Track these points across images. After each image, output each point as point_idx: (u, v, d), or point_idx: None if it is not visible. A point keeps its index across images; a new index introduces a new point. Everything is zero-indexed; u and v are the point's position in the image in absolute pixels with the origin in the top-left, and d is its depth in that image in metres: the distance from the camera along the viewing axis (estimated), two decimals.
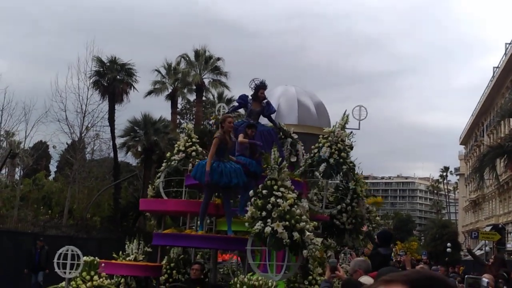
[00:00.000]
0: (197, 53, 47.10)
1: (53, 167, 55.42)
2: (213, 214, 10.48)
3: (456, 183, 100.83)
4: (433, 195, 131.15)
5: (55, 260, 8.95)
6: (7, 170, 46.52)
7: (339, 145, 12.70)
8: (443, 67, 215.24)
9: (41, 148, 44.22)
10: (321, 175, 12.66)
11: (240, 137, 10.80)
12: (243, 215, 9.91)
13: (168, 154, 13.29)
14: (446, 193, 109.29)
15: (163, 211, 11.07)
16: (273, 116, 13.61)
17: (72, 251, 8.94)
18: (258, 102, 11.98)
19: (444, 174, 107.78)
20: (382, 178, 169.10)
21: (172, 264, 12.20)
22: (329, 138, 12.76)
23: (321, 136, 13.01)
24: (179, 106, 48.28)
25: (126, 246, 11.55)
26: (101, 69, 41.30)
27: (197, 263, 10.60)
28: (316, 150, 12.83)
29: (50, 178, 51.33)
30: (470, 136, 75.82)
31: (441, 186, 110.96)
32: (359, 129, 16.95)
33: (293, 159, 13.31)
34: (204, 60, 47.12)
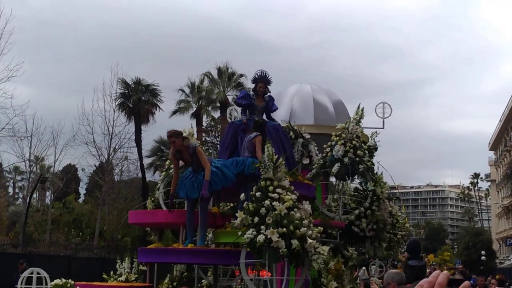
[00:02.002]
0: (220, 71, 45.99)
1: (82, 190, 55.02)
2: (211, 225, 8.65)
3: (488, 189, 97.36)
4: (464, 202, 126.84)
5: (18, 285, 7.27)
6: (38, 194, 45.75)
7: (354, 142, 10.80)
8: (468, 73, 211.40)
9: (70, 171, 43.52)
10: (334, 176, 10.73)
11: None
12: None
13: (167, 162, 11.61)
14: (478, 200, 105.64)
15: (153, 223, 9.30)
16: (287, 116, 11.89)
17: (38, 273, 7.25)
18: (261, 97, 10.18)
19: (475, 180, 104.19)
20: (412, 187, 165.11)
21: (174, 283, 10.49)
22: (343, 135, 10.87)
23: (333, 133, 11.12)
24: (204, 123, 46.96)
25: (117, 265, 9.87)
26: (126, 91, 40.93)
27: (184, 284, 8.91)
28: (328, 149, 10.95)
29: (80, 200, 50.55)
30: (499, 142, 72.92)
31: (472, 193, 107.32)
32: (383, 128, 15.09)
33: (306, 161, 11.44)
34: (227, 77, 45.97)
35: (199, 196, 8.19)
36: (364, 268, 21.63)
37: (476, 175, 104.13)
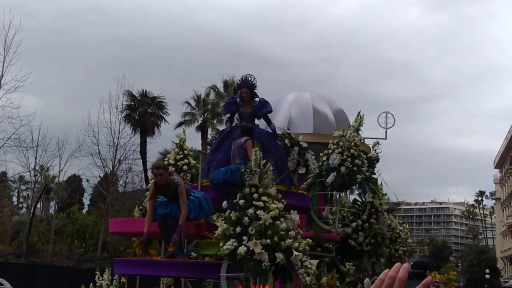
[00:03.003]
0: (226, 84, 45.57)
1: (86, 201, 54.46)
2: (194, 235, 7.86)
3: (492, 207, 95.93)
4: (468, 220, 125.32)
5: None
6: (42, 204, 45.24)
7: (352, 150, 10.02)
8: (474, 91, 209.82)
9: (75, 182, 42.97)
10: (330, 186, 9.93)
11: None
12: None
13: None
14: (483, 218, 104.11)
15: (134, 232, 8.54)
16: (285, 125, 11.11)
17: (1, 284, 6.50)
18: (248, 103, 9.40)
19: (480, 198, 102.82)
20: (416, 203, 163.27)
21: None
22: (340, 143, 10.10)
23: (331, 141, 10.35)
24: (209, 136, 46.33)
25: (96, 278, 9.10)
26: (132, 103, 40.79)
27: None
28: (325, 158, 10.17)
29: (84, 211, 49.91)
30: (504, 160, 71.80)
31: (477, 210, 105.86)
32: (385, 138, 14.33)
33: (302, 171, 10.69)
34: (233, 91, 45.46)
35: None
36: (367, 279, 20.60)
37: (481, 193, 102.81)
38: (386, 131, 13.06)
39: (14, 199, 55.24)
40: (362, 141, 11.31)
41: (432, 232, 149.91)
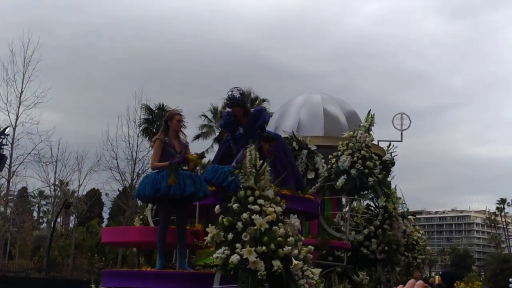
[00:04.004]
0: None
1: (106, 214, 54.16)
2: (191, 244, 7.10)
3: None
4: (490, 228, 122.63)
5: None
6: (62, 219, 44.94)
7: (362, 152, 9.20)
8: (492, 99, 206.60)
9: (94, 196, 42.75)
10: (340, 190, 9.11)
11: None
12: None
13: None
14: (505, 226, 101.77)
15: (126, 242, 7.81)
16: (294, 128, 10.35)
17: None
18: (243, 118, 8.51)
19: (501, 206, 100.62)
20: (436, 212, 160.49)
21: None
22: (350, 144, 9.29)
23: (340, 142, 9.55)
24: None
25: None
26: (150, 117, 40.53)
27: None
28: (334, 160, 9.37)
29: (103, 225, 49.52)
30: None
31: (499, 218, 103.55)
32: (401, 141, 13.53)
33: (311, 175, 9.89)
34: (250, 102, 44.98)
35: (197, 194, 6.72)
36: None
37: (502, 201, 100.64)
38: (401, 133, 12.27)
39: (35, 214, 55.34)
40: (374, 142, 10.51)
41: (453, 241, 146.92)
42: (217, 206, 6.00)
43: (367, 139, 9.34)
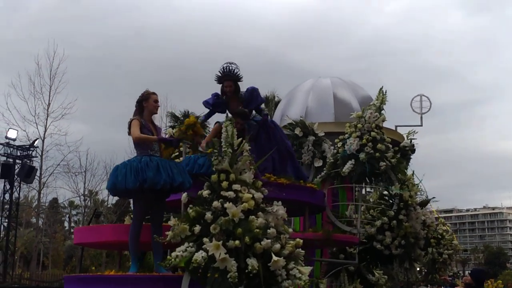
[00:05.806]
0: (266, 99, 43.99)
1: None
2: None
3: None
4: None
5: None
6: None
7: (373, 133, 7.90)
8: None
9: (123, 205, 42.09)
10: (347, 177, 7.83)
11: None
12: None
13: None
14: None
15: (99, 243, 6.69)
16: (302, 112, 9.20)
17: None
18: (234, 97, 7.31)
19: None
20: (468, 210, 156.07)
21: None
22: (358, 126, 8.01)
23: (347, 124, 8.29)
24: None
25: None
26: (175, 124, 39.63)
27: None
28: (340, 144, 8.11)
29: None
30: None
31: None
32: (421, 125, 12.17)
33: (318, 164, 8.65)
34: (274, 106, 43.81)
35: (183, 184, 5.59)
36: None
37: None
38: (421, 117, 10.91)
39: (66, 224, 55.14)
40: (392, 128, 9.24)
41: (486, 238, 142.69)
42: (184, 194, 4.86)
43: (378, 119, 8.02)
